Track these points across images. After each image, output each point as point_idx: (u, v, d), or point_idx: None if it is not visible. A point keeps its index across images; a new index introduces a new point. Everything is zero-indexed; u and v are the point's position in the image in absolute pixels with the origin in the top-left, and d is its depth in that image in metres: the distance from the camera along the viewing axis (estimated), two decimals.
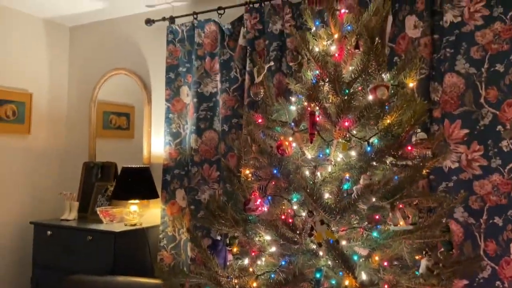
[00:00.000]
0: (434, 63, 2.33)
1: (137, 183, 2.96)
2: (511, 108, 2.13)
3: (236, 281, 1.55)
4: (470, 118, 2.23)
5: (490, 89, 2.20)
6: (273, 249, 1.62)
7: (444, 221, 1.56)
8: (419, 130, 1.73)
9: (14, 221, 3.25)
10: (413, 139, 1.71)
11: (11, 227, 3.23)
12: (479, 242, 2.20)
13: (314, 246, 1.49)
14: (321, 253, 1.49)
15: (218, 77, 2.93)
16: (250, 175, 1.68)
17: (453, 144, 2.26)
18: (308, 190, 1.40)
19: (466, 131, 2.23)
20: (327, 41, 1.75)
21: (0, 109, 3.15)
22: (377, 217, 1.56)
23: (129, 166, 2.98)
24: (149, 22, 3.17)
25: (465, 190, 2.19)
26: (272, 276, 1.61)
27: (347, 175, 1.60)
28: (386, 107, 1.63)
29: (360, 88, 1.65)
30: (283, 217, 1.55)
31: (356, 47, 1.64)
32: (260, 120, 1.74)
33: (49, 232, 2.98)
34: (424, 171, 1.56)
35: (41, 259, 3.01)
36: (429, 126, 2.33)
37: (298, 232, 1.47)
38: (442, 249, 1.64)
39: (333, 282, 1.53)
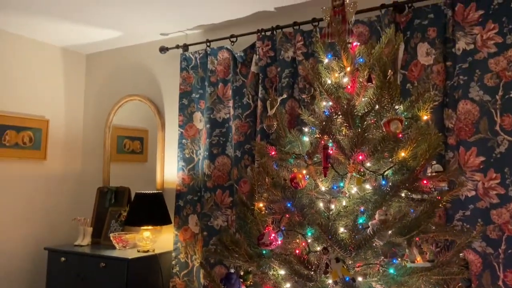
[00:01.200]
0: (448, 90, 2.32)
1: (150, 208, 2.97)
2: None
3: None
4: (485, 146, 2.20)
5: (505, 117, 2.17)
6: (288, 285, 1.60)
7: (462, 256, 1.52)
8: (434, 162, 1.71)
9: (28, 247, 3.27)
10: (429, 170, 1.70)
11: (26, 253, 3.26)
12: (498, 273, 2.14)
13: (330, 283, 1.47)
14: None
15: (230, 103, 2.96)
16: (263, 208, 1.67)
17: (469, 172, 2.22)
18: (322, 226, 1.39)
19: (482, 158, 2.20)
20: (339, 73, 1.76)
21: (17, 136, 3.22)
22: (393, 250, 1.54)
23: (142, 192, 3.00)
24: (163, 49, 3.23)
25: (482, 219, 2.15)
26: None
27: (362, 208, 1.59)
28: (401, 139, 1.62)
29: (373, 121, 1.64)
30: (297, 252, 1.53)
31: (369, 80, 1.65)
32: (273, 153, 1.74)
33: (63, 259, 2.99)
34: (440, 205, 1.54)
35: (55, 285, 3.02)
36: (444, 154, 2.30)
37: (313, 269, 1.45)
38: (460, 284, 1.60)
39: None
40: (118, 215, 3.26)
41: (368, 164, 1.62)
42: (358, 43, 1.76)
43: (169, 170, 3.26)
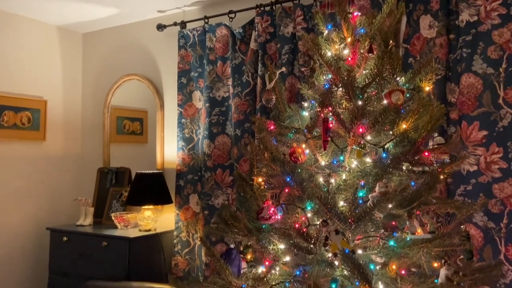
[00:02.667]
0: (451, 64, 2.28)
1: (150, 188, 2.97)
2: None
3: None
4: (488, 120, 2.17)
5: (508, 90, 2.13)
6: (287, 258, 1.60)
7: (463, 228, 1.51)
8: (436, 135, 1.68)
9: (30, 227, 3.29)
10: (430, 143, 1.67)
11: (28, 233, 3.27)
12: (499, 247, 2.13)
13: (329, 256, 1.47)
14: (336, 263, 1.46)
15: (230, 82, 2.92)
16: (263, 183, 1.65)
17: (471, 146, 2.20)
18: (322, 199, 1.37)
19: (484, 132, 2.17)
20: (339, 45, 1.72)
21: (16, 116, 3.20)
22: (393, 223, 1.52)
23: (143, 171, 2.99)
24: (160, 27, 3.18)
25: (484, 193, 2.14)
26: (287, 285, 1.58)
27: (362, 182, 1.57)
28: (402, 111, 1.59)
29: (374, 92, 1.61)
30: (297, 226, 1.52)
31: (370, 51, 1.61)
32: (272, 127, 1.71)
33: (65, 238, 3.01)
34: (441, 176, 1.52)
35: (57, 265, 3.04)
36: (446, 128, 2.27)
37: (312, 241, 1.44)
38: (461, 257, 1.59)
39: None
40: (119, 195, 3.26)
41: (369, 137, 1.59)
42: (359, 13, 1.72)
43: (169, 150, 3.24)
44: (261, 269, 1.65)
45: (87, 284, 2.59)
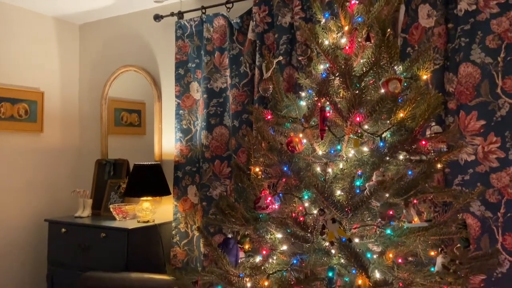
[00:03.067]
0: (449, 53, 2.27)
1: (149, 180, 2.97)
2: None
3: (247, 279, 1.54)
4: (486, 109, 2.16)
5: (507, 79, 2.12)
6: (284, 247, 1.60)
7: (460, 216, 1.51)
8: (433, 123, 1.68)
9: (29, 219, 3.29)
10: (428, 132, 1.67)
11: (26, 225, 3.27)
12: (496, 236, 2.14)
13: (326, 244, 1.47)
14: (333, 252, 1.47)
15: (227, 72, 2.91)
16: (260, 172, 1.65)
17: (469, 136, 2.20)
18: (319, 188, 1.37)
19: (482, 122, 2.17)
20: (337, 33, 1.71)
21: (13, 108, 3.18)
22: (390, 213, 1.52)
23: (141, 163, 2.99)
24: (157, 17, 3.15)
25: (481, 183, 2.14)
26: (284, 274, 1.59)
27: (359, 171, 1.57)
28: (400, 100, 1.58)
29: (371, 81, 1.60)
30: (294, 215, 1.52)
31: (367, 39, 1.60)
32: (269, 117, 1.71)
33: (63, 230, 3.01)
34: (438, 165, 1.52)
35: (56, 256, 3.05)
36: (444, 118, 2.27)
37: (309, 230, 1.45)
38: (458, 245, 1.60)
39: (347, 280, 1.50)
40: (118, 187, 3.26)
41: (366, 127, 1.59)
42: (357, 1, 1.70)
43: (167, 142, 3.24)
44: (258, 259, 1.66)
45: (86, 275, 2.60)
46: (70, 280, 2.87)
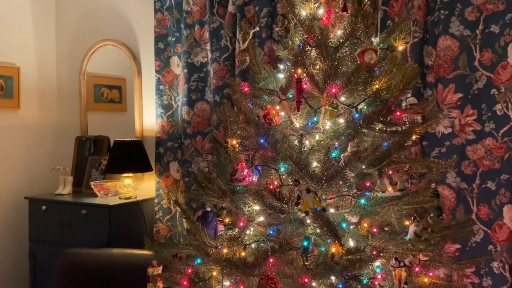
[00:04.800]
0: (428, 26, 2.26)
1: (130, 156, 2.94)
2: (505, 70, 2.07)
3: (225, 251, 1.55)
4: (464, 82, 2.18)
5: (484, 52, 2.14)
6: (261, 218, 1.62)
7: (433, 186, 1.54)
8: (409, 95, 1.69)
9: (8, 197, 3.25)
10: (404, 104, 1.68)
11: (6, 203, 3.23)
12: (471, 207, 2.20)
13: (302, 215, 1.48)
14: (308, 222, 1.49)
15: (208, 46, 2.86)
16: (237, 145, 1.65)
17: (447, 109, 2.22)
18: (294, 158, 1.38)
19: (459, 95, 2.19)
20: (314, 3, 1.68)
21: None
22: (367, 184, 1.54)
23: (121, 139, 2.95)
24: None
25: (458, 155, 2.17)
26: (262, 245, 1.61)
27: (336, 143, 1.58)
28: (377, 72, 1.58)
29: (348, 53, 1.59)
30: (271, 187, 1.53)
31: (344, 9, 1.58)
32: (246, 89, 1.69)
33: (44, 207, 2.99)
34: (413, 136, 1.53)
35: (38, 233, 3.03)
36: (423, 92, 2.28)
37: (285, 201, 1.46)
38: (432, 215, 1.63)
39: (323, 249, 1.53)
40: (98, 164, 3.23)
41: (343, 98, 1.59)
42: None
43: (148, 118, 3.20)
44: (236, 230, 1.67)
45: (67, 251, 2.59)
46: (52, 257, 2.85)
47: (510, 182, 2.07)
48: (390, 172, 1.55)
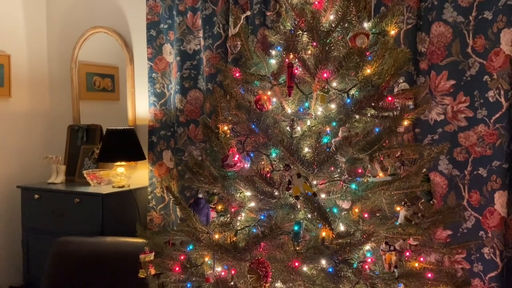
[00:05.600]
0: (422, 12, 2.25)
1: (122, 145, 2.93)
2: (498, 57, 2.07)
3: (216, 236, 1.55)
4: (456, 69, 2.18)
5: (477, 38, 2.13)
6: (252, 204, 1.61)
7: (424, 171, 1.54)
8: (401, 81, 1.68)
9: (0, 186, 3.23)
10: (396, 90, 1.67)
11: None
12: (463, 194, 2.21)
13: (293, 200, 1.48)
14: (299, 207, 1.49)
15: (201, 34, 2.84)
16: (228, 131, 1.64)
17: (439, 96, 2.22)
18: (284, 143, 1.37)
19: (452, 82, 2.19)
20: None
21: None
22: (359, 170, 1.54)
23: (114, 128, 2.93)
24: None
25: (450, 142, 2.18)
26: (254, 231, 1.61)
27: (328, 129, 1.57)
28: (369, 58, 1.57)
29: (340, 37, 1.58)
30: (262, 172, 1.52)
31: None
32: (237, 74, 1.68)
33: (36, 196, 2.97)
34: (405, 122, 1.53)
35: (31, 222, 3.02)
36: (416, 79, 2.28)
37: (276, 186, 1.45)
38: (422, 200, 1.64)
39: (313, 234, 1.53)
40: (91, 152, 3.21)
41: (334, 84, 1.58)
42: None
43: (141, 106, 3.18)
44: (228, 216, 1.67)
45: (60, 239, 2.59)
46: (46, 246, 2.85)
47: (501, 168, 2.08)
48: (381, 158, 1.55)
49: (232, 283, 1.49)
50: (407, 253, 1.56)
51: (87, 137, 3.28)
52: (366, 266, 1.44)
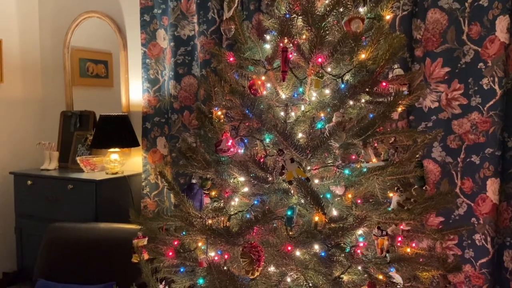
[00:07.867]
0: None
1: (116, 131, 2.91)
2: (493, 44, 2.07)
3: (210, 221, 1.55)
4: (451, 56, 2.17)
5: (473, 25, 2.12)
6: (245, 189, 1.61)
7: (417, 157, 1.54)
8: (396, 66, 1.68)
9: None
10: (390, 75, 1.67)
11: None
12: (455, 181, 2.22)
13: (286, 185, 1.48)
14: (292, 191, 1.49)
15: (195, 19, 2.80)
16: (222, 116, 1.63)
17: (434, 83, 2.22)
18: (278, 128, 1.36)
19: (447, 69, 2.18)
20: None
21: None
22: (353, 156, 1.54)
23: (107, 114, 2.91)
24: None
25: (443, 129, 2.18)
26: (247, 216, 1.61)
27: (322, 115, 1.56)
28: (365, 43, 1.56)
29: (335, 22, 1.57)
30: (256, 158, 1.52)
31: None
32: (231, 59, 1.66)
33: (29, 182, 2.96)
34: (399, 108, 1.52)
35: (24, 209, 3.01)
36: (411, 66, 2.27)
37: (269, 171, 1.45)
38: (415, 186, 1.64)
39: (306, 219, 1.53)
40: (84, 139, 3.19)
41: (329, 69, 1.57)
42: None
43: (135, 93, 3.15)
44: (221, 201, 1.67)
45: (53, 225, 2.58)
46: (39, 232, 2.85)
47: (494, 156, 2.09)
48: (375, 144, 1.55)
49: (225, 267, 1.49)
50: (399, 239, 1.57)
51: (80, 124, 3.26)
52: (359, 251, 1.45)
